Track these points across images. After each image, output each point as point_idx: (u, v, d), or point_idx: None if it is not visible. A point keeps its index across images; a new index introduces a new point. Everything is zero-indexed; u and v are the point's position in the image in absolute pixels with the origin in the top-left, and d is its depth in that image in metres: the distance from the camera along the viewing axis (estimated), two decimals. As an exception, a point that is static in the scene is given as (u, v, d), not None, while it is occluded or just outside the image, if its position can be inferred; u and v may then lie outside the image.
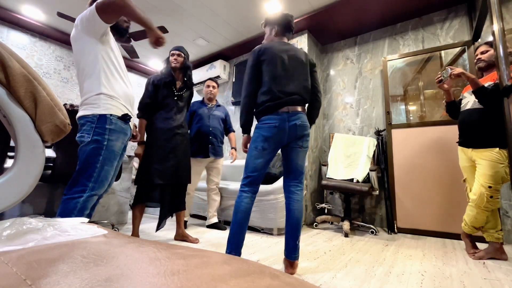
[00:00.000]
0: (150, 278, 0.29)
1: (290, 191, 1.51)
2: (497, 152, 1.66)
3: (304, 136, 1.50)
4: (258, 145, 1.45)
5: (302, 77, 1.54)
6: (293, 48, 1.57)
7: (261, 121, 1.48)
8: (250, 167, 1.46)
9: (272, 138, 1.44)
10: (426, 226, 2.46)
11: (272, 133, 1.44)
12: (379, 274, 1.45)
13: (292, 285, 0.28)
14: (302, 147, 1.51)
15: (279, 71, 1.48)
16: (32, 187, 0.75)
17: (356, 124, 3.17)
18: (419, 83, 2.96)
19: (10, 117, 0.72)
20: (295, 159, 1.51)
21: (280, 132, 1.44)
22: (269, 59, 1.48)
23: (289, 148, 1.50)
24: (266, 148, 1.45)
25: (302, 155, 1.52)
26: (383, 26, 3.10)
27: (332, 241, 2.17)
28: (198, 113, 2.59)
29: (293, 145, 1.50)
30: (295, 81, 1.51)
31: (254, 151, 1.46)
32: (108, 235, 0.52)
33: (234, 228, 1.39)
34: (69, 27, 3.49)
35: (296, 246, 1.42)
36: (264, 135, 1.44)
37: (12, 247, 0.42)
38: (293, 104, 1.48)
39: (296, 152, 1.50)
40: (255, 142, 1.47)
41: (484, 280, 1.39)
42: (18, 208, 2.13)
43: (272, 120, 1.44)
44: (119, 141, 1.30)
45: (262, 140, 1.44)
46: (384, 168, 2.73)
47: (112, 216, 2.65)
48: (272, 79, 1.46)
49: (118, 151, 1.31)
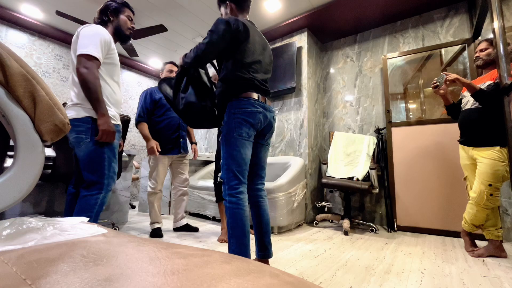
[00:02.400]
0: (150, 278, 0.29)
1: (257, 189, 1.40)
2: (497, 150, 1.66)
3: (271, 133, 1.44)
4: (242, 132, 1.24)
5: (270, 72, 1.45)
6: (263, 36, 1.46)
7: (239, 104, 1.26)
8: (238, 160, 1.24)
9: (255, 126, 1.28)
10: (426, 224, 2.46)
11: (257, 120, 1.28)
12: (379, 272, 1.45)
13: (292, 284, 0.28)
14: (269, 145, 1.45)
15: (259, 57, 1.35)
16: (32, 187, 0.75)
17: (356, 123, 3.16)
18: (419, 81, 2.95)
19: (9, 117, 0.71)
20: (263, 157, 1.41)
21: (264, 119, 1.32)
22: (250, 40, 1.32)
23: (258, 145, 1.38)
24: (251, 135, 1.28)
25: (267, 152, 1.46)
26: (383, 24, 3.09)
27: (332, 239, 2.17)
28: (162, 103, 2.31)
29: (262, 142, 1.39)
30: (268, 74, 1.43)
31: (239, 139, 1.24)
32: (108, 234, 0.52)
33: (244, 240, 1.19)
34: (68, 26, 3.48)
35: (270, 242, 1.35)
36: (249, 120, 1.25)
37: (12, 246, 0.42)
38: (267, 96, 1.38)
39: (264, 150, 1.41)
40: (237, 129, 1.24)
41: (484, 277, 1.40)
42: (18, 208, 2.13)
43: (256, 105, 1.27)
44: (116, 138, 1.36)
45: (247, 126, 1.25)
46: (384, 166, 2.73)
47: (112, 215, 2.65)
48: (252, 63, 1.31)
49: (117, 147, 1.38)
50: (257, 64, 1.34)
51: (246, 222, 1.21)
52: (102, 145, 1.27)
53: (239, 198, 1.22)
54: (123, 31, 1.47)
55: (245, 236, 1.19)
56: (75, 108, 1.26)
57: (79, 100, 1.26)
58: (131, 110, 4.72)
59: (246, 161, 1.26)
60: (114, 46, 1.39)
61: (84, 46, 1.24)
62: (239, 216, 1.20)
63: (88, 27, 1.31)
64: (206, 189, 2.93)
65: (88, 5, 2.96)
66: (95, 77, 1.23)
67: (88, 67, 1.22)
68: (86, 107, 1.26)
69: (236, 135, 1.24)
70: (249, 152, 1.28)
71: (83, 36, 1.26)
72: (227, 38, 1.26)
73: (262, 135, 1.38)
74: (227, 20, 1.27)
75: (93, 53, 1.23)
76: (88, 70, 1.21)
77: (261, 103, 1.31)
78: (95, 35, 1.27)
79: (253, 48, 1.33)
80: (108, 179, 1.28)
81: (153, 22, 3.24)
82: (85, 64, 1.22)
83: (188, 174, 2.44)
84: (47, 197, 2.29)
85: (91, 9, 2.99)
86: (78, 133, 1.23)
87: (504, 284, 1.31)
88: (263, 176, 1.43)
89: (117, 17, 1.45)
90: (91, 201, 1.22)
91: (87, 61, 1.22)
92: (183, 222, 2.37)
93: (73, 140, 1.24)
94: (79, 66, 1.22)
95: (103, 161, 1.26)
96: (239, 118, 1.25)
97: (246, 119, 1.25)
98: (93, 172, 1.25)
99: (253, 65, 1.32)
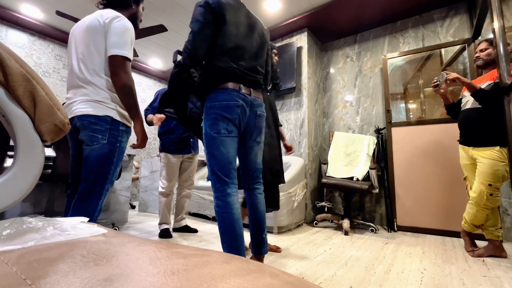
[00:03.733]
0: (150, 278, 0.29)
1: (252, 189, 1.31)
2: (497, 150, 1.66)
3: (262, 129, 1.28)
4: (220, 129, 1.12)
5: (263, 56, 1.28)
6: (253, 16, 1.28)
7: (216, 97, 1.14)
8: (220, 159, 1.12)
9: (235, 119, 1.15)
10: (426, 224, 2.46)
11: (235, 114, 1.14)
12: (379, 272, 1.45)
13: (292, 284, 0.28)
14: (260, 143, 1.29)
15: (243, 41, 1.18)
16: (32, 187, 0.75)
17: (356, 123, 3.16)
18: (419, 81, 2.96)
19: (9, 117, 0.71)
20: (254, 157, 1.28)
21: (242, 115, 1.17)
22: (233, 21, 1.16)
23: (247, 147, 1.26)
24: (232, 130, 1.15)
25: (260, 151, 1.31)
26: (383, 24, 3.09)
27: (332, 239, 2.17)
28: None
29: (251, 143, 1.25)
30: (259, 60, 1.24)
31: (218, 137, 1.12)
32: (108, 234, 0.52)
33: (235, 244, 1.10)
34: (68, 26, 3.48)
35: (264, 239, 1.30)
36: (226, 115, 1.12)
37: (12, 246, 0.42)
38: (255, 87, 1.22)
39: (255, 150, 1.28)
40: (214, 126, 1.13)
41: (484, 277, 1.40)
42: (18, 208, 2.13)
43: (233, 97, 1.13)
44: (127, 142, 1.31)
45: (224, 121, 1.13)
46: (384, 166, 2.73)
47: (112, 215, 2.65)
48: (234, 48, 1.15)
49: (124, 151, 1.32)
50: (240, 49, 1.17)
51: (236, 226, 1.11)
52: (115, 149, 1.20)
53: (226, 201, 1.12)
54: (137, 22, 1.39)
55: (236, 240, 1.11)
56: (93, 104, 1.15)
57: (100, 97, 1.16)
58: (131, 110, 4.72)
59: (230, 160, 1.14)
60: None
61: (119, 46, 1.15)
62: (227, 221, 1.11)
63: (118, 20, 1.18)
64: (206, 189, 2.93)
65: (88, 5, 2.96)
66: (133, 82, 1.17)
67: (128, 72, 1.15)
68: (108, 106, 1.17)
69: (214, 133, 1.13)
70: (233, 149, 1.16)
71: (116, 33, 1.16)
72: (209, 19, 1.11)
73: (248, 132, 1.23)
74: (205, 0, 1.13)
75: (129, 55, 1.17)
76: (128, 75, 1.15)
77: (241, 95, 1.15)
78: (126, 32, 1.18)
79: (235, 30, 1.16)
80: (109, 183, 1.24)
81: (153, 22, 3.24)
82: (125, 69, 1.15)
83: (194, 176, 2.43)
84: (47, 197, 2.29)
85: (91, 9, 2.99)
86: (94, 131, 1.14)
87: (504, 284, 1.31)
88: (258, 176, 1.33)
89: (138, 6, 1.36)
90: (91, 208, 1.15)
91: (126, 65, 1.15)
92: (182, 223, 2.36)
93: (86, 137, 1.15)
94: (119, 70, 1.14)
95: (111, 165, 1.19)
96: (214, 114, 1.13)
97: (222, 114, 1.12)
98: (98, 174, 1.17)
99: (236, 51, 1.16)
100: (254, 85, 1.21)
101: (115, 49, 1.14)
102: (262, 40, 1.29)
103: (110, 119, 1.17)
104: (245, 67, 1.18)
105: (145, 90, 5.00)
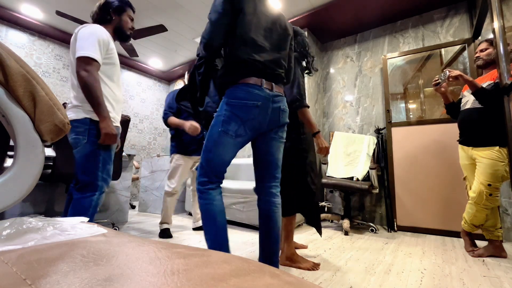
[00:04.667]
0: (150, 278, 0.29)
1: (270, 194, 1.17)
2: (497, 150, 1.66)
3: (285, 126, 1.21)
4: (229, 128, 1.05)
5: (286, 49, 1.21)
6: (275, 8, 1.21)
7: (235, 93, 1.07)
8: (215, 159, 1.06)
9: (251, 122, 1.07)
10: (426, 224, 2.46)
11: (252, 116, 1.06)
12: (379, 272, 1.45)
13: (292, 284, 0.28)
14: (282, 139, 1.20)
15: (265, 32, 1.12)
16: (32, 187, 0.75)
17: (356, 123, 3.16)
18: (419, 81, 2.96)
19: (9, 117, 0.71)
20: (275, 153, 1.17)
21: (262, 114, 1.08)
22: (253, 11, 1.10)
23: (268, 138, 1.16)
24: (241, 134, 1.07)
25: (281, 148, 1.21)
26: (383, 24, 3.09)
27: (332, 239, 2.17)
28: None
29: (273, 135, 1.16)
30: (282, 52, 1.17)
31: (223, 136, 1.05)
32: (108, 234, 0.52)
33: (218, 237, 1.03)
34: (68, 26, 3.48)
35: (277, 261, 1.16)
36: (241, 116, 1.05)
37: (12, 246, 0.42)
38: (277, 81, 1.14)
39: (276, 145, 1.17)
40: (224, 124, 1.05)
41: (484, 277, 1.40)
42: (18, 208, 2.13)
43: (254, 95, 1.06)
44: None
45: (237, 123, 1.05)
46: (384, 167, 2.73)
47: (112, 215, 2.65)
48: (255, 39, 1.08)
49: (113, 149, 1.37)
50: (262, 40, 1.10)
51: (218, 217, 1.04)
52: (98, 147, 1.26)
53: (209, 193, 1.06)
54: (124, 31, 1.44)
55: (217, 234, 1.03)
56: (75, 109, 1.26)
57: (78, 102, 1.26)
58: (131, 110, 4.72)
59: (226, 162, 1.08)
60: (113, 45, 1.36)
61: (82, 48, 1.22)
62: (211, 212, 1.04)
63: (85, 27, 1.28)
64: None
65: (88, 5, 2.96)
66: (95, 80, 1.21)
67: (88, 70, 1.20)
68: (85, 109, 1.25)
69: (221, 130, 1.05)
70: (233, 153, 1.09)
71: (81, 38, 1.24)
72: (228, 9, 1.07)
73: (272, 127, 1.15)
74: None
75: (92, 55, 1.21)
76: (88, 73, 1.20)
77: (263, 92, 1.08)
78: (92, 35, 1.25)
79: (257, 19, 1.10)
80: (102, 180, 1.28)
81: (153, 22, 3.24)
82: (84, 67, 1.20)
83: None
84: (47, 197, 2.29)
85: (91, 9, 2.98)
86: (77, 134, 1.23)
87: (504, 284, 1.31)
88: (277, 176, 1.19)
89: (119, 17, 1.42)
90: (85, 203, 1.22)
91: (86, 64, 1.20)
92: (200, 223, 2.36)
93: (72, 141, 1.25)
94: (79, 69, 1.20)
95: (98, 162, 1.26)
96: (230, 111, 1.06)
97: (237, 113, 1.05)
98: (87, 173, 1.24)
99: (257, 42, 1.08)
100: (276, 80, 1.14)
101: (78, 52, 1.22)
102: (285, 33, 1.20)
103: (88, 120, 1.25)
104: (268, 60, 1.10)
105: (145, 90, 5.00)
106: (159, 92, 5.24)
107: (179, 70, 4.81)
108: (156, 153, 4.62)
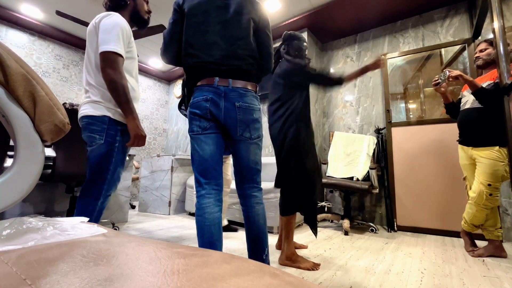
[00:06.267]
0: (150, 278, 0.29)
1: (247, 196, 1.13)
2: (497, 150, 1.66)
3: (251, 124, 1.09)
4: (194, 127, 1.07)
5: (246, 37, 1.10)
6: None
7: (194, 94, 1.10)
8: (196, 159, 1.07)
9: (207, 112, 1.06)
10: (426, 224, 2.46)
11: (205, 108, 1.05)
12: (379, 272, 1.45)
13: (292, 284, 0.28)
14: (251, 138, 1.10)
15: (213, 28, 1.07)
16: (32, 187, 0.75)
17: (356, 122, 3.16)
18: (419, 81, 2.96)
19: (9, 117, 0.71)
20: (245, 155, 1.11)
21: (215, 106, 1.05)
22: (197, 10, 1.08)
23: (235, 142, 1.10)
24: (206, 127, 1.06)
25: (253, 148, 1.12)
26: (383, 24, 3.09)
27: (332, 239, 2.17)
28: None
29: (235, 137, 1.09)
30: (239, 42, 1.08)
31: (193, 137, 1.08)
32: (108, 234, 0.52)
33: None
34: (68, 26, 3.48)
35: (264, 262, 1.08)
36: (197, 112, 1.06)
37: (12, 246, 0.42)
38: (237, 76, 1.08)
39: (246, 147, 1.11)
40: (190, 126, 1.10)
41: (484, 277, 1.40)
42: (18, 208, 2.13)
43: (203, 92, 1.06)
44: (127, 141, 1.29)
45: (196, 118, 1.07)
46: (384, 166, 2.73)
47: (112, 215, 2.65)
48: (202, 39, 1.07)
49: (126, 152, 1.30)
50: (210, 38, 1.06)
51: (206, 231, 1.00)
52: (113, 149, 1.19)
53: (199, 202, 1.05)
54: (141, 15, 1.34)
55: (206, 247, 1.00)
56: (94, 105, 1.17)
57: (99, 97, 1.17)
58: (131, 110, 4.71)
59: (206, 158, 1.05)
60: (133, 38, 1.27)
61: (106, 42, 1.13)
62: (198, 224, 1.02)
63: (107, 18, 1.18)
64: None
65: (88, 5, 2.96)
66: (122, 77, 1.13)
67: (115, 67, 1.12)
68: (106, 106, 1.17)
69: (189, 132, 1.09)
70: (209, 147, 1.06)
71: (104, 30, 1.15)
72: (177, 17, 1.09)
73: (231, 128, 1.08)
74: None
75: (117, 50, 1.13)
76: (115, 70, 1.12)
77: (212, 88, 1.05)
78: (115, 27, 1.15)
79: (202, 18, 1.07)
80: (109, 184, 1.21)
81: (153, 22, 3.24)
82: (111, 64, 1.12)
83: (231, 175, 2.41)
84: (47, 197, 2.29)
85: (91, 9, 2.98)
86: (92, 132, 1.15)
87: (504, 284, 1.31)
88: (254, 179, 1.13)
89: (134, 0, 1.31)
90: (89, 208, 1.16)
91: (113, 60, 1.12)
92: (224, 223, 2.36)
93: (86, 138, 1.18)
94: (105, 65, 1.11)
95: (109, 165, 1.18)
96: (189, 114, 1.09)
97: (193, 111, 1.07)
98: (96, 174, 1.18)
99: (204, 42, 1.05)
100: (234, 74, 1.07)
101: (102, 46, 1.13)
102: (238, 18, 1.09)
103: (107, 119, 1.17)
104: (221, 56, 1.05)
105: (145, 90, 5.00)
106: (159, 92, 5.24)
107: (179, 70, 4.81)
108: (156, 153, 4.62)
